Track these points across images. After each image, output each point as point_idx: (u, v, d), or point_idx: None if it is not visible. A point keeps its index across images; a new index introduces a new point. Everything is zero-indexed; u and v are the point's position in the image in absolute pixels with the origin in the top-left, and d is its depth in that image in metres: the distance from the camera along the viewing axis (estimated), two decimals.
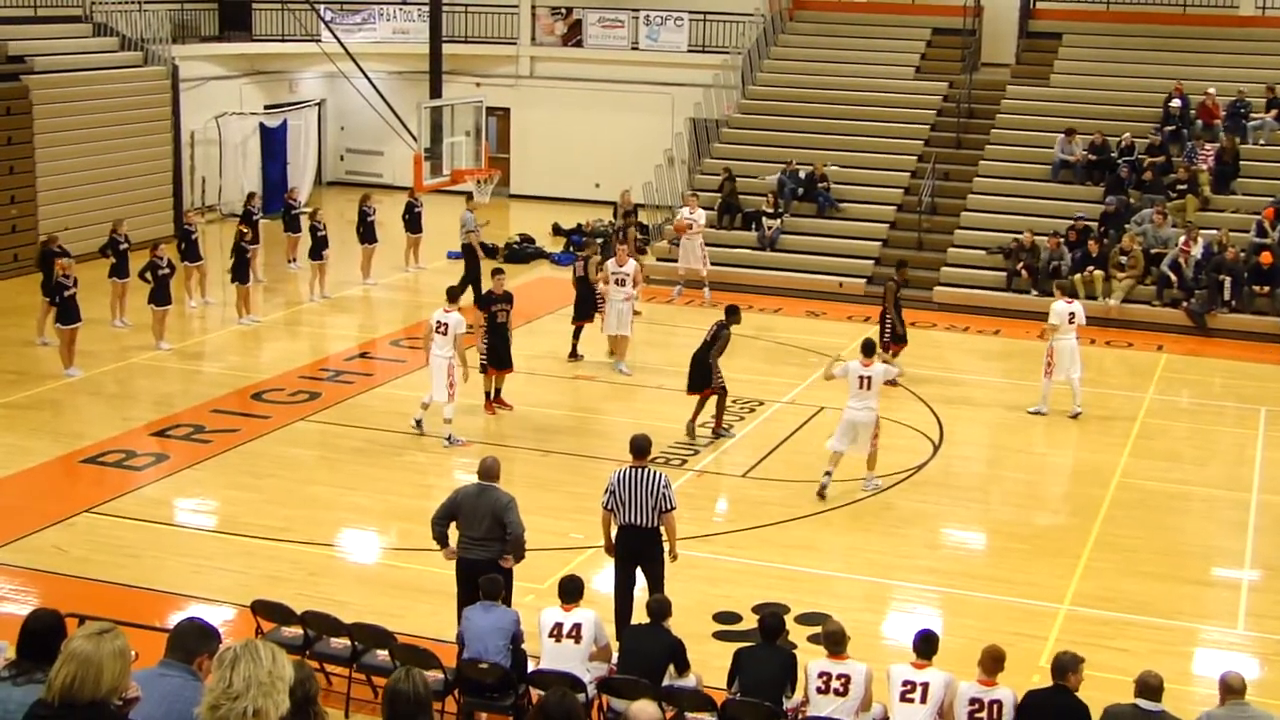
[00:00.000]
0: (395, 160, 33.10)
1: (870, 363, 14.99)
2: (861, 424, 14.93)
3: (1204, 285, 23.32)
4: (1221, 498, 15.94)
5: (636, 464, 11.08)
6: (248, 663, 4.65)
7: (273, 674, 4.67)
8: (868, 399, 14.91)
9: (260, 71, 33.72)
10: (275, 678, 4.67)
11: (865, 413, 14.91)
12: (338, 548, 13.88)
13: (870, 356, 15.08)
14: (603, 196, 31.50)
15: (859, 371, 14.93)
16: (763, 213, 26.75)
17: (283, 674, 4.72)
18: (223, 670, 4.66)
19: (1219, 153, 25.90)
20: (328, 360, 20.71)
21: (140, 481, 15.33)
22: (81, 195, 26.30)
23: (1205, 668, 11.60)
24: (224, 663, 4.68)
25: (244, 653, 4.68)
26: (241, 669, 4.63)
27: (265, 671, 4.65)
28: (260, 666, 4.65)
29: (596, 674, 9.68)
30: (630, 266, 19.82)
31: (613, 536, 11.23)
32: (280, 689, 4.68)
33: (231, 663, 4.66)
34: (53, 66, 26.60)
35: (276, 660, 4.72)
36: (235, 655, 4.68)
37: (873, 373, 14.91)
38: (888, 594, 13.03)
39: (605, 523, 11.25)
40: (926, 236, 26.44)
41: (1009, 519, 15.17)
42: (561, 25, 34.39)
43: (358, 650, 10.19)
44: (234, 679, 4.61)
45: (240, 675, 4.62)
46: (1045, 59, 29.81)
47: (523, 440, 16.94)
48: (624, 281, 19.73)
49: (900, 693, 8.93)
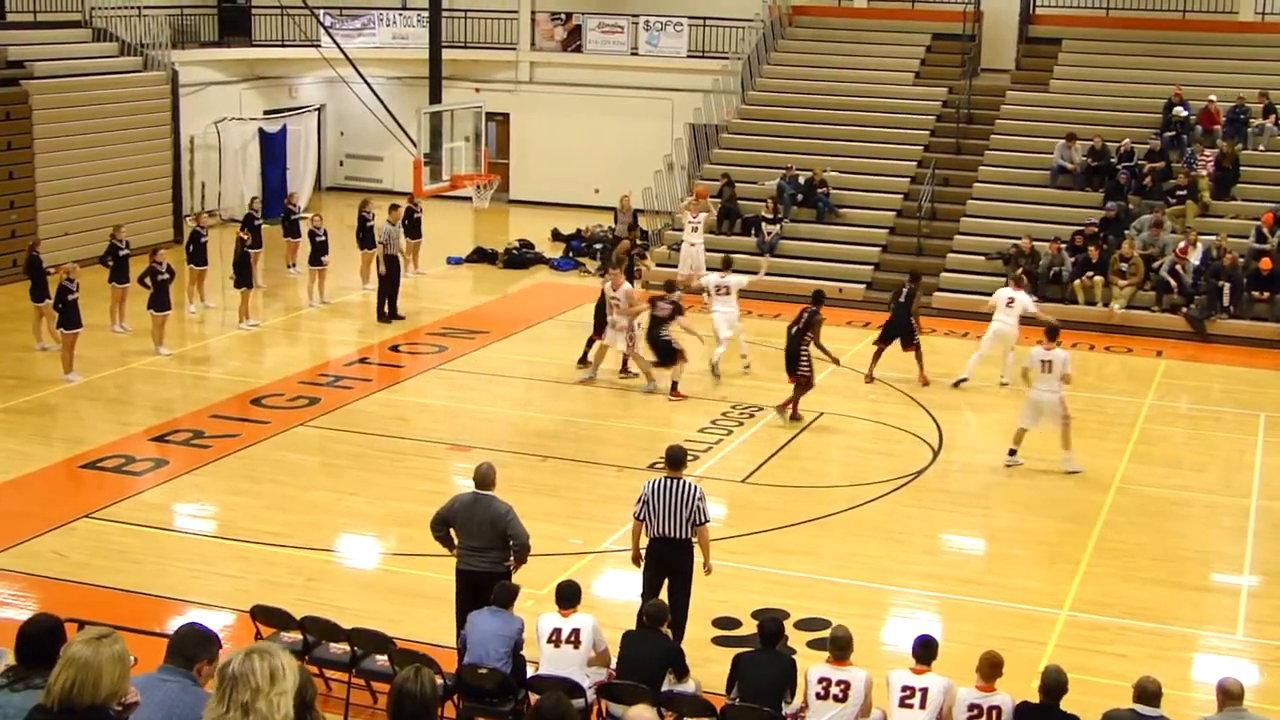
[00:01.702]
0: (395, 165, 33.12)
1: (1052, 347, 16.15)
2: (1046, 404, 16.09)
3: (1203, 291, 23.33)
4: (1221, 503, 15.95)
5: (671, 475, 11.00)
6: (243, 687, 4.58)
7: (269, 696, 4.61)
8: (1051, 381, 16.02)
9: (260, 77, 33.76)
10: (276, 693, 4.63)
11: (1049, 395, 16.05)
12: (337, 553, 13.89)
13: (1052, 340, 16.24)
14: (602, 202, 31.52)
15: (1041, 356, 16.14)
16: (762, 218, 26.76)
17: (283, 689, 4.64)
18: (222, 689, 4.62)
19: (1219, 158, 25.92)
20: (327, 365, 20.72)
21: (140, 486, 15.33)
22: (81, 200, 26.33)
23: (1204, 673, 11.60)
24: (224, 680, 4.63)
25: (241, 675, 4.59)
26: (239, 694, 4.59)
27: (264, 697, 4.59)
28: (259, 692, 4.59)
29: (595, 679, 9.68)
30: (623, 291, 19.33)
31: (641, 547, 11.17)
32: (282, 704, 4.64)
33: (231, 685, 4.59)
34: (52, 72, 26.61)
35: (275, 679, 4.64)
36: (233, 676, 4.60)
37: (1053, 357, 16.02)
38: (887, 599, 13.02)
39: (635, 533, 11.18)
40: (926, 242, 26.44)
41: (1008, 524, 15.17)
42: (561, 30, 34.43)
43: (357, 655, 10.18)
44: (231, 705, 4.57)
45: (237, 702, 4.58)
46: (1045, 65, 29.83)
47: (521, 445, 16.94)
48: (616, 304, 19.31)
49: (899, 698, 8.94)
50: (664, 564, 11.00)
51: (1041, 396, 16.12)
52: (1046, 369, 16.05)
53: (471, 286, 26.67)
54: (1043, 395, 16.11)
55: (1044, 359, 16.10)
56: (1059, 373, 16.02)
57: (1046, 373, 16.05)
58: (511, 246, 28.72)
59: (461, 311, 24.18)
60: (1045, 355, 16.12)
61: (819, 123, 29.22)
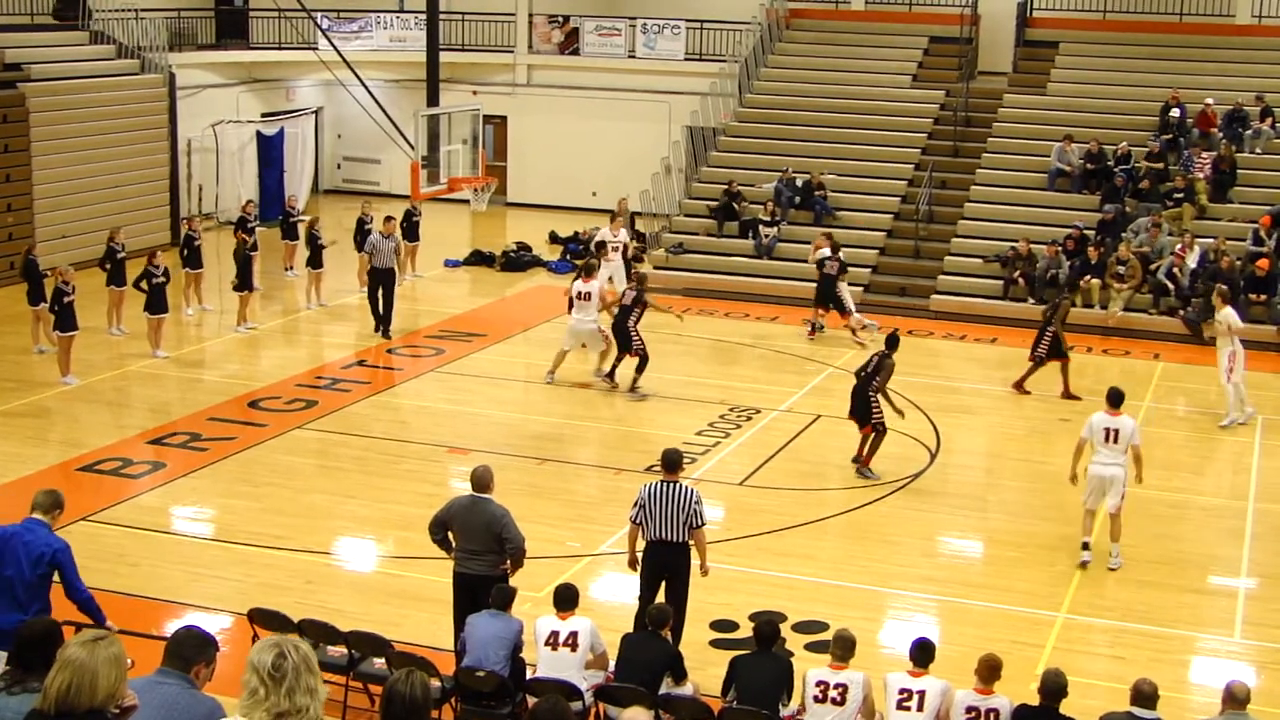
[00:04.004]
0: (392, 168, 33.11)
1: (1118, 413, 13.61)
2: (1110, 479, 13.53)
3: (1200, 294, 23.34)
4: (1218, 506, 15.95)
5: (667, 478, 11.00)
6: (292, 674, 4.74)
7: (307, 680, 4.79)
8: (1116, 453, 13.51)
9: (257, 79, 33.75)
10: (314, 676, 4.83)
11: (1114, 468, 13.50)
12: (335, 556, 13.87)
13: (1117, 407, 13.64)
14: (600, 205, 31.52)
15: (1105, 423, 13.60)
16: (760, 221, 26.77)
17: (316, 671, 4.87)
18: (264, 683, 4.72)
19: (1216, 161, 25.94)
20: (325, 368, 20.70)
21: (137, 489, 15.31)
22: (78, 203, 26.31)
23: (1202, 676, 11.62)
24: (262, 673, 4.74)
25: (288, 666, 4.76)
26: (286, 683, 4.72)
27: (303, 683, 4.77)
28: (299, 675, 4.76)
29: (593, 682, 9.67)
30: (594, 286, 19.54)
31: (638, 551, 11.15)
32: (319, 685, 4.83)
33: (276, 676, 4.73)
34: (49, 74, 26.60)
35: (310, 666, 4.84)
36: (275, 667, 4.74)
37: (1120, 424, 13.54)
38: (884, 602, 13.01)
39: (631, 536, 11.16)
40: (923, 245, 26.46)
41: (1006, 527, 15.16)
42: (559, 33, 34.44)
43: (354, 658, 10.18)
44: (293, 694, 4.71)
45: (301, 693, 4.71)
46: (1042, 68, 29.86)
47: (519, 448, 16.93)
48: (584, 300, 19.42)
49: (897, 700, 8.94)
50: (661, 567, 10.99)
51: (1104, 470, 13.54)
52: (1111, 438, 13.55)
53: (469, 289, 26.66)
54: (1105, 469, 13.54)
55: (1108, 426, 13.58)
56: (1125, 443, 13.53)
57: (1111, 442, 13.54)
58: (509, 249, 28.73)
59: (459, 314, 24.17)
60: (1110, 423, 13.59)
61: (816, 125, 29.23)
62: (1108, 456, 13.52)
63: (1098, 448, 13.58)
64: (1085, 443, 13.68)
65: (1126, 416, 13.64)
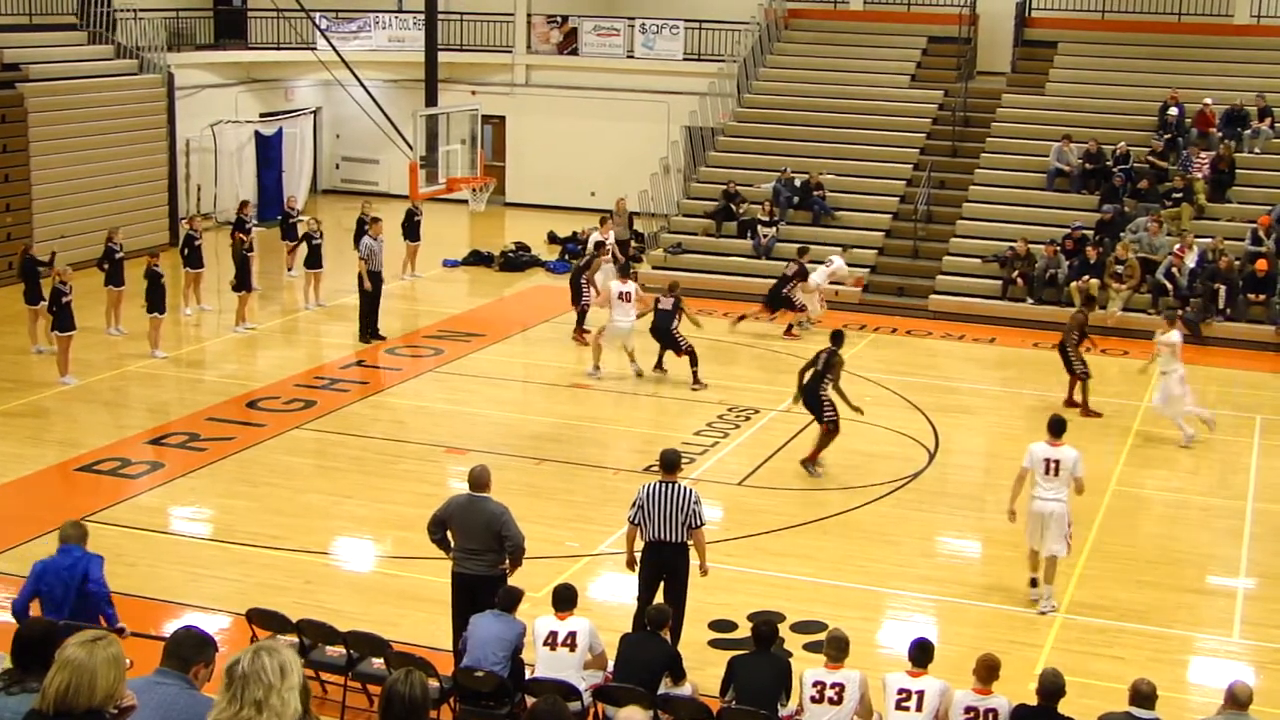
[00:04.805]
0: (391, 168, 33.10)
1: (1059, 443, 12.60)
2: (1049, 515, 12.49)
3: (1199, 294, 23.35)
4: (1217, 506, 15.95)
5: (665, 479, 10.99)
6: (255, 685, 4.65)
7: (281, 692, 4.69)
8: (1057, 486, 12.50)
9: (256, 79, 33.74)
10: (287, 688, 4.70)
11: (1054, 503, 12.47)
12: (333, 556, 13.86)
13: (1059, 437, 12.66)
14: (598, 205, 31.49)
15: (1045, 454, 12.56)
16: (758, 220, 26.76)
17: (293, 684, 4.73)
18: (232, 688, 4.66)
19: (1215, 161, 25.94)
20: (323, 368, 20.70)
21: (135, 489, 15.31)
22: (77, 203, 26.31)
23: (1200, 676, 11.63)
24: (233, 679, 4.69)
25: (253, 672, 4.68)
26: (251, 691, 4.65)
27: (276, 694, 4.67)
28: (271, 689, 4.67)
29: (591, 682, 9.67)
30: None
31: (636, 552, 11.14)
32: (292, 699, 4.71)
33: (242, 683, 4.67)
34: (48, 74, 26.60)
35: (285, 675, 4.73)
36: (245, 674, 4.68)
37: (1061, 455, 12.52)
38: (883, 602, 13.01)
39: (630, 537, 11.14)
40: (922, 245, 26.46)
41: (1004, 527, 15.08)
42: (557, 33, 34.43)
43: (353, 658, 10.18)
44: (244, 703, 4.64)
45: (250, 699, 4.63)
46: (1041, 67, 29.86)
47: (518, 448, 16.93)
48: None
49: (895, 701, 8.94)
50: (660, 568, 10.99)
51: (1045, 506, 12.50)
52: (1051, 470, 12.52)
53: (467, 289, 26.66)
54: (1045, 505, 12.50)
55: (1048, 457, 12.55)
56: (1065, 476, 12.51)
57: (1051, 475, 12.52)
58: (507, 249, 28.74)
59: (457, 314, 24.17)
60: (1050, 453, 12.57)
61: (815, 125, 29.23)
62: (1047, 491, 12.47)
63: (1038, 480, 12.54)
64: (1027, 473, 12.65)
65: (1068, 447, 12.57)
